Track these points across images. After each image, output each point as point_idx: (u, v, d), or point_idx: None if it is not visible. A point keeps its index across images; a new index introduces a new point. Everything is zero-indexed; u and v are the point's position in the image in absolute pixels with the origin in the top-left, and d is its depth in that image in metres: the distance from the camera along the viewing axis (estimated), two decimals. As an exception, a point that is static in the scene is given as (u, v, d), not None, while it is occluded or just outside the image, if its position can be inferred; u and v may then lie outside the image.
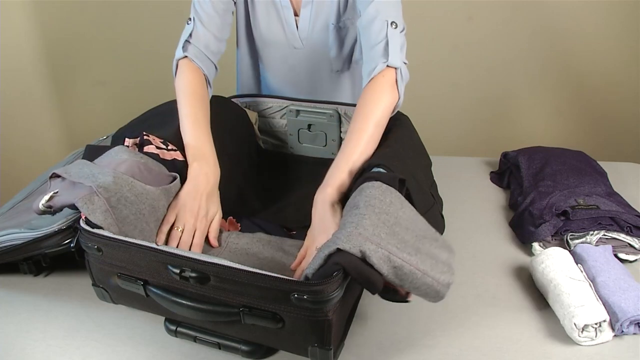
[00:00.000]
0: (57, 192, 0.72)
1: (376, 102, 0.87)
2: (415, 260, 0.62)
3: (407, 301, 0.66)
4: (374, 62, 0.90)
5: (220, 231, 0.89)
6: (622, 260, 0.87)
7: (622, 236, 0.88)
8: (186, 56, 1.01)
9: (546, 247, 0.89)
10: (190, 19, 1.03)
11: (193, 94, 0.98)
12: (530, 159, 1.13)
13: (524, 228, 0.96)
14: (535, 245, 0.91)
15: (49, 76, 1.99)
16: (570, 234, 0.90)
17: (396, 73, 0.88)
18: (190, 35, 1.02)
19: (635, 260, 0.88)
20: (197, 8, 1.02)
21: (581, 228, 0.90)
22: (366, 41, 0.93)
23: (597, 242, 0.88)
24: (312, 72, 1.15)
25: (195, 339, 0.72)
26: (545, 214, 0.94)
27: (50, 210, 0.72)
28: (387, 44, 0.89)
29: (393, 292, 0.65)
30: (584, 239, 0.89)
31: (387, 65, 0.88)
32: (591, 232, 0.89)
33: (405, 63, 0.91)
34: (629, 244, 0.88)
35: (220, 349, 0.71)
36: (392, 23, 0.91)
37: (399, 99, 0.89)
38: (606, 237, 0.89)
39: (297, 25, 1.09)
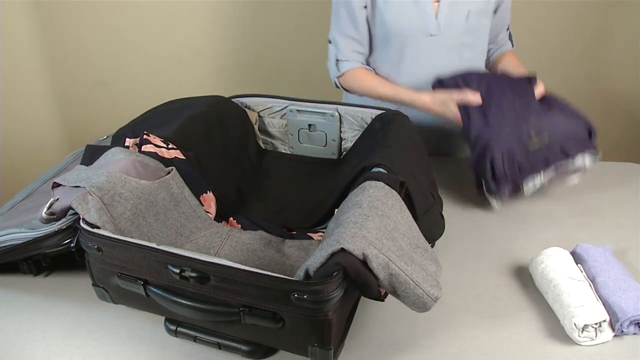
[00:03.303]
0: (57, 198, 0.74)
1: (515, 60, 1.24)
2: (410, 270, 0.63)
3: (381, 300, 0.66)
4: (501, 45, 1.29)
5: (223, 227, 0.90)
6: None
7: (570, 162, 0.95)
8: (344, 73, 1.19)
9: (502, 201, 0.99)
10: (329, 41, 1.20)
11: (367, 76, 1.18)
12: (468, 82, 1.08)
13: (486, 180, 0.99)
14: (494, 202, 0.98)
15: (49, 76, 1.99)
16: (519, 181, 0.97)
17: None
18: (337, 54, 1.18)
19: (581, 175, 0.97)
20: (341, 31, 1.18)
21: (533, 170, 0.96)
22: (497, 28, 1.25)
23: (548, 181, 0.96)
24: (443, 61, 1.17)
25: (195, 339, 0.72)
26: (505, 165, 0.96)
27: (54, 216, 0.74)
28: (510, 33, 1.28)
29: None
30: (533, 183, 0.97)
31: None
32: (541, 173, 0.96)
33: None
34: (576, 167, 0.95)
35: (220, 349, 0.71)
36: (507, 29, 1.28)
37: None
38: (557, 170, 0.96)
39: (437, 12, 1.13)
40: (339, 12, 1.16)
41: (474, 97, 1.03)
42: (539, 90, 1.04)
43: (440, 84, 1.10)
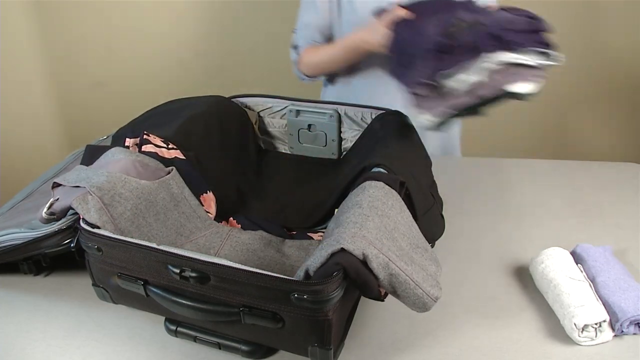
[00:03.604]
0: (57, 198, 0.74)
1: None
2: (410, 270, 0.63)
3: (381, 300, 0.66)
4: None
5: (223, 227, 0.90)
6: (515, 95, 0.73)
7: (511, 56, 0.72)
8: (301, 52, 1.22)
9: (424, 108, 0.74)
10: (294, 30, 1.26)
11: (317, 47, 1.21)
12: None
13: (396, 66, 0.81)
14: (422, 118, 0.76)
15: (49, 76, 1.99)
16: (441, 72, 0.74)
17: None
18: (294, 40, 1.24)
19: (532, 91, 0.73)
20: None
21: (458, 59, 0.73)
22: None
23: (489, 78, 0.72)
24: None
25: (195, 339, 0.72)
26: (425, 59, 0.76)
27: (54, 216, 0.74)
28: None
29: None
30: (458, 77, 0.73)
31: None
32: (471, 63, 0.73)
33: None
34: (524, 64, 0.72)
35: (220, 349, 0.71)
36: None
37: None
38: (492, 63, 0.72)
39: None
40: (302, 3, 1.25)
41: (401, 12, 0.92)
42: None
43: (380, 13, 1.04)
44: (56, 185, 0.77)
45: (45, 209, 0.74)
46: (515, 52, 0.74)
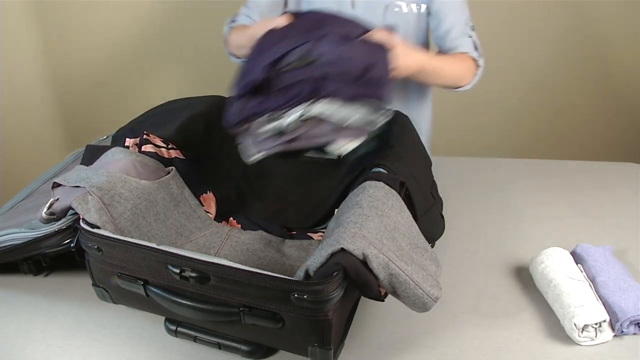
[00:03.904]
0: (57, 198, 0.74)
1: (466, 59, 1.09)
2: (410, 270, 0.63)
3: (381, 300, 0.66)
4: (454, 48, 1.11)
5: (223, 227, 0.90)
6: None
7: (331, 109, 0.64)
8: (232, 27, 1.15)
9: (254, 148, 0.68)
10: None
11: (245, 27, 1.11)
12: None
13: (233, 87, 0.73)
14: (245, 149, 0.69)
15: (49, 76, 1.99)
16: (253, 112, 0.68)
17: (476, 63, 1.10)
18: (235, 16, 1.18)
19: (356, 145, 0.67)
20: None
21: (281, 105, 0.66)
22: (443, 45, 1.13)
23: (292, 125, 0.64)
24: None
25: (195, 339, 0.72)
26: (244, 89, 0.70)
27: (54, 216, 0.74)
28: (469, 41, 1.11)
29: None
30: (279, 122, 0.66)
31: (470, 56, 1.09)
32: (287, 111, 0.65)
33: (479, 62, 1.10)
34: (340, 121, 0.63)
35: (220, 349, 0.71)
36: (465, 33, 1.10)
37: (470, 82, 1.10)
38: (308, 116, 0.65)
39: (353, 4, 1.11)
40: None
41: (280, 21, 0.84)
42: (381, 36, 0.79)
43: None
44: (56, 185, 0.77)
45: (45, 209, 0.74)
46: (339, 105, 0.66)
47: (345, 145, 0.66)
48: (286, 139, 0.67)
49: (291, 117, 0.64)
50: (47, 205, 0.74)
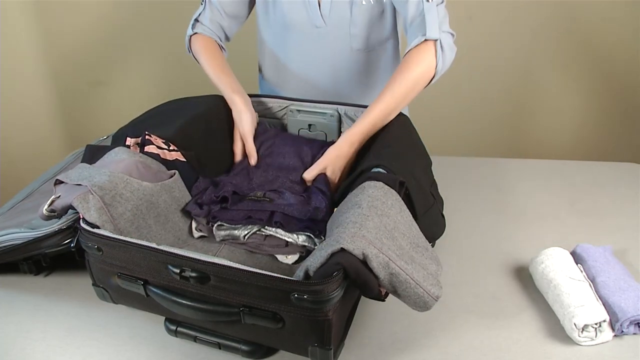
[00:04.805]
0: (59, 196, 0.74)
1: (409, 66, 0.91)
2: (410, 270, 0.63)
3: (382, 300, 0.66)
4: (413, 37, 0.94)
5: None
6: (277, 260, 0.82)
7: (278, 232, 0.83)
8: (196, 32, 1.13)
9: (199, 226, 0.85)
10: (202, 1, 1.14)
11: (207, 49, 1.10)
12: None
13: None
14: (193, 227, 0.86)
15: (48, 76, 1.99)
16: (218, 223, 0.85)
17: (435, 45, 0.91)
18: (200, 14, 1.14)
19: (295, 261, 0.82)
20: None
21: (232, 219, 0.85)
22: (404, 19, 0.99)
23: (248, 237, 0.83)
24: (334, 53, 1.15)
25: (195, 339, 0.72)
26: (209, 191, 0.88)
27: (55, 214, 0.74)
28: (423, 18, 0.93)
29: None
30: (230, 232, 0.84)
31: (425, 39, 0.91)
32: (239, 226, 0.84)
33: (451, 34, 0.95)
34: (287, 241, 0.82)
35: (220, 348, 0.71)
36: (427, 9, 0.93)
37: (436, 66, 0.92)
38: (261, 233, 0.84)
39: (320, 2, 1.10)
40: None
41: (251, 148, 1.00)
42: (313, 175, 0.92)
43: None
44: (58, 182, 0.76)
45: (46, 206, 0.74)
46: (283, 229, 0.84)
47: (290, 256, 0.83)
48: (239, 242, 0.85)
49: (245, 231, 0.84)
50: (49, 202, 0.74)
